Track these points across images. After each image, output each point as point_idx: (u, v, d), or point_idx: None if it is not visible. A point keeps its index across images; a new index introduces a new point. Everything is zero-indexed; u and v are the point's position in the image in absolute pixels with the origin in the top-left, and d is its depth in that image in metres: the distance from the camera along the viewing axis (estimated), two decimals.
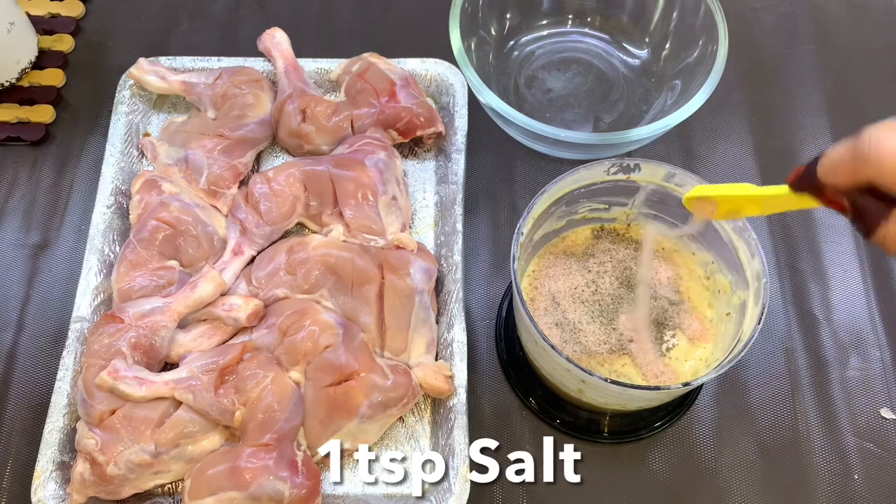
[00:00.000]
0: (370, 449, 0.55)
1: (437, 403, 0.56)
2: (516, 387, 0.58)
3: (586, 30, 0.73)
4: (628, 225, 0.57)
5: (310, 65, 0.68)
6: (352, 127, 0.64)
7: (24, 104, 0.70)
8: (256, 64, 0.68)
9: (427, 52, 0.68)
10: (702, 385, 0.56)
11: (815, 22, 0.75)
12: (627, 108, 0.69)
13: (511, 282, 0.52)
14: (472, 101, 0.66)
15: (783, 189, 0.40)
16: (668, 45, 0.69)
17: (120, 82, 0.68)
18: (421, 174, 0.66)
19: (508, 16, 0.71)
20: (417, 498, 0.53)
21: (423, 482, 0.54)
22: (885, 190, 0.33)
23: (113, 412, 0.52)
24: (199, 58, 0.69)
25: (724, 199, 0.45)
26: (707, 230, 0.52)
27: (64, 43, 0.74)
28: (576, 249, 0.57)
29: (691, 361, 0.53)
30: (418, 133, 0.64)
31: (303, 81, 0.66)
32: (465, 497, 0.52)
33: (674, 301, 0.55)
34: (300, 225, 0.63)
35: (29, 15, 0.72)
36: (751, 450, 0.57)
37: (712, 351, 0.53)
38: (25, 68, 0.71)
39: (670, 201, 0.53)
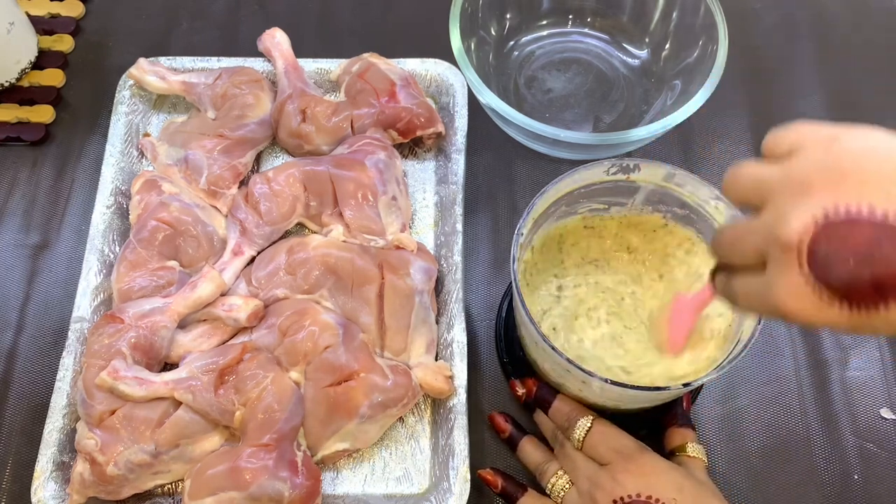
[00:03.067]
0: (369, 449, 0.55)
1: (437, 403, 0.56)
2: None
3: (586, 30, 0.73)
4: None
5: (310, 65, 0.68)
6: (352, 127, 0.64)
7: (24, 104, 0.70)
8: (256, 64, 0.68)
9: (427, 52, 0.68)
10: (702, 385, 0.56)
11: (815, 22, 0.75)
12: (627, 108, 0.69)
13: (511, 282, 0.52)
14: (472, 101, 0.66)
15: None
16: (668, 45, 0.69)
17: (120, 82, 0.68)
18: (421, 174, 0.66)
19: (508, 16, 0.71)
20: (417, 498, 0.54)
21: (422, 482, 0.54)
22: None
23: (113, 412, 0.52)
24: (199, 58, 0.69)
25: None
26: (708, 230, 0.52)
27: (64, 43, 0.74)
28: None
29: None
30: (418, 133, 0.64)
31: (303, 81, 0.66)
32: (465, 497, 0.52)
33: None
34: (300, 225, 0.63)
35: (29, 15, 0.72)
36: (751, 450, 0.57)
37: (712, 351, 0.53)
38: (25, 68, 0.71)
39: (670, 201, 0.53)
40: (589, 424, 0.50)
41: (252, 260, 0.60)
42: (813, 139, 0.34)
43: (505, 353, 0.59)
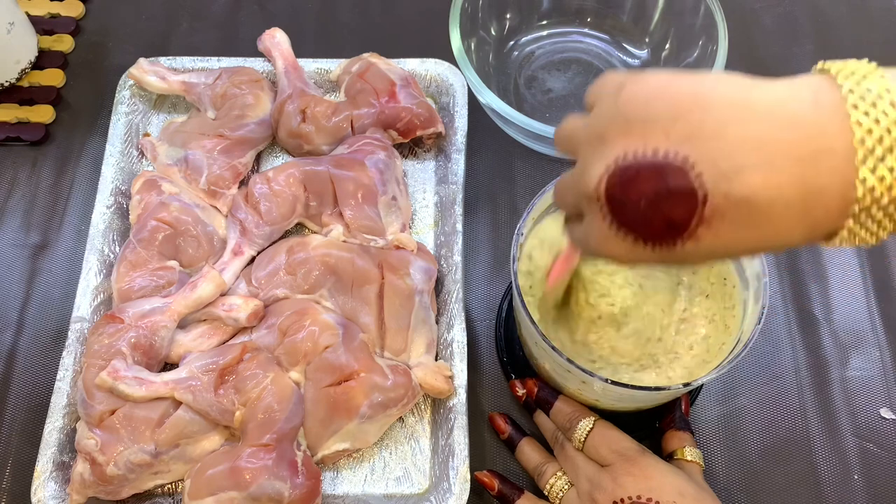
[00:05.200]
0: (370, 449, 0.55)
1: (437, 403, 0.56)
2: None
3: (586, 30, 0.73)
4: None
5: (310, 65, 0.68)
6: (352, 127, 0.64)
7: (23, 104, 0.70)
8: (256, 64, 0.68)
9: (427, 52, 0.68)
10: (701, 385, 0.56)
11: (815, 22, 0.75)
12: None
13: (511, 282, 0.52)
14: (472, 101, 0.66)
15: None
16: (668, 45, 0.69)
17: (120, 82, 0.68)
18: (421, 174, 0.66)
19: (508, 16, 0.71)
20: (417, 498, 0.54)
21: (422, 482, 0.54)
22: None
23: (113, 412, 0.52)
24: (199, 58, 0.69)
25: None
26: None
27: (64, 43, 0.74)
28: None
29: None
30: (418, 133, 0.64)
31: (303, 81, 0.66)
32: (465, 497, 0.52)
33: None
34: (300, 225, 0.63)
35: (29, 15, 0.72)
36: (751, 450, 0.57)
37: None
38: (25, 68, 0.71)
39: None
40: (591, 425, 0.50)
41: (252, 260, 0.60)
42: (605, 89, 0.35)
43: (505, 353, 0.59)
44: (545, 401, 0.53)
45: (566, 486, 0.49)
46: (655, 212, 0.32)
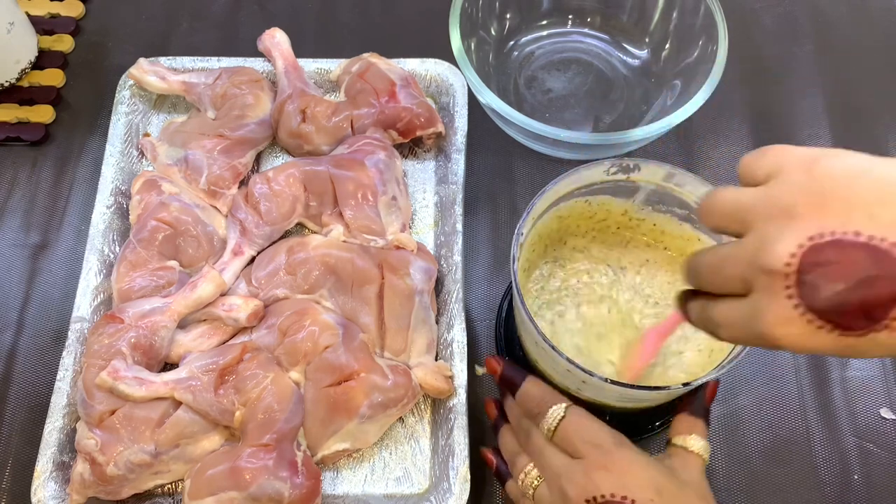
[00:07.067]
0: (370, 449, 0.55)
1: (437, 403, 0.56)
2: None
3: (586, 30, 0.73)
4: None
5: (310, 65, 0.68)
6: (352, 127, 0.64)
7: (23, 104, 0.70)
8: (256, 64, 0.68)
9: (427, 52, 0.68)
10: (718, 381, 0.56)
11: (815, 22, 0.75)
12: (627, 108, 0.69)
13: (511, 282, 0.52)
14: (472, 101, 0.66)
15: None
16: (668, 45, 0.69)
17: (120, 82, 0.68)
18: (421, 174, 0.66)
19: (508, 16, 0.71)
20: (417, 498, 0.54)
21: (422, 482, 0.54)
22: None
23: (113, 412, 0.52)
24: (199, 58, 0.69)
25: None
26: (709, 232, 0.52)
27: (64, 43, 0.74)
28: None
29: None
30: (418, 133, 0.64)
31: (303, 82, 0.66)
32: (465, 497, 0.52)
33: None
34: (300, 225, 0.63)
35: (29, 15, 0.72)
36: (751, 450, 0.57)
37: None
38: (25, 68, 0.71)
39: (670, 201, 0.53)
40: (562, 413, 0.45)
41: (252, 260, 0.60)
42: (792, 161, 0.34)
43: (505, 352, 0.59)
44: (510, 381, 0.48)
45: (539, 479, 0.45)
46: (854, 295, 0.30)
